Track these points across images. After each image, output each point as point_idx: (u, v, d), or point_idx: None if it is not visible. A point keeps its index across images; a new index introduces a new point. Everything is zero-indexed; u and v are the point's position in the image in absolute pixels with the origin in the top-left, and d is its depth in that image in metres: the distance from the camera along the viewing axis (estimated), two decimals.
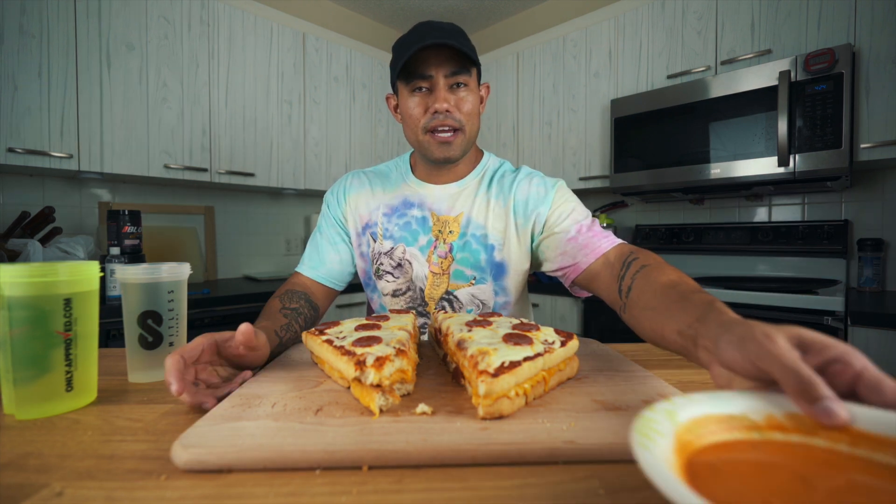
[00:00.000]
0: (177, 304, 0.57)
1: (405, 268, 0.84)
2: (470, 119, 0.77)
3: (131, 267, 0.55)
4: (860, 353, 0.30)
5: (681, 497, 0.18)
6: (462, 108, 0.76)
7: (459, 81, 0.75)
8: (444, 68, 0.74)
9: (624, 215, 2.31)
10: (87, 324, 0.49)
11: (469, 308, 0.84)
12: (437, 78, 0.74)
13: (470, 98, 0.77)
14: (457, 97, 0.76)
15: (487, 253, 0.82)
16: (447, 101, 0.74)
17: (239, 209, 2.27)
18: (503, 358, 0.41)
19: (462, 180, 0.85)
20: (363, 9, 2.67)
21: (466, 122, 0.77)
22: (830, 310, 1.28)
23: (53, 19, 1.47)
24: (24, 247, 1.42)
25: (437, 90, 0.74)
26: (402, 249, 0.84)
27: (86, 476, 0.33)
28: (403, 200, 0.86)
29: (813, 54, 1.43)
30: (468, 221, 0.82)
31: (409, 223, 0.84)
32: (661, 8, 1.87)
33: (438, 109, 0.74)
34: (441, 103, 0.74)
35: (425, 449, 0.34)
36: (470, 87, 0.77)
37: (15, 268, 0.45)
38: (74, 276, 0.47)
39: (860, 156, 1.44)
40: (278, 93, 2.07)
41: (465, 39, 0.76)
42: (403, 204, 0.86)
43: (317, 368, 0.54)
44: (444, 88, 0.75)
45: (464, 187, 0.84)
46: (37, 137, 1.45)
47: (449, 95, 0.75)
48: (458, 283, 0.83)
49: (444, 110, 0.74)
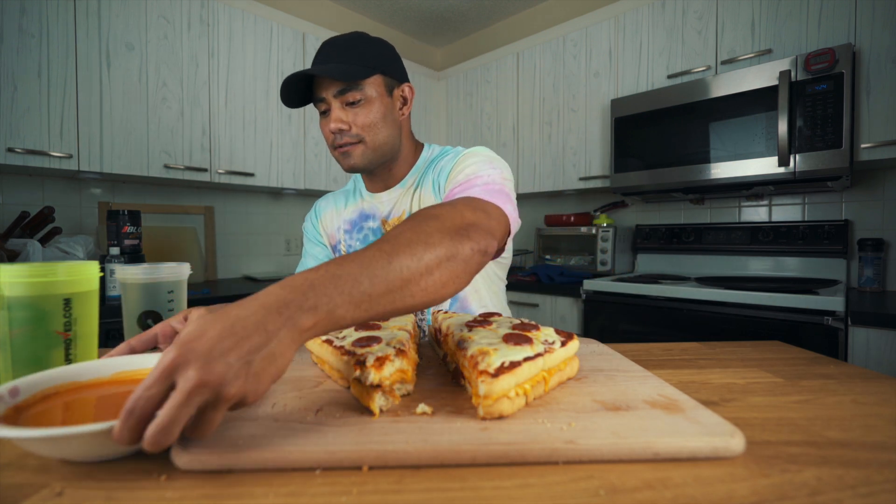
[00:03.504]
0: (177, 304, 0.57)
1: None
2: (371, 130, 0.78)
3: (131, 267, 0.55)
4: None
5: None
6: (357, 122, 0.77)
7: (350, 98, 0.76)
8: (330, 89, 0.76)
9: (624, 215, 2.31)
10: (87, 324, 0.49)
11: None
12: (328, 99, 0.77)
13: (364, 111, 0.77)
14: (352, 112, 0.77)
15: None
16: (339, 121, 0.76)
17: (239, 209, 2.27)
18: (503, 358, 0.41)
19: (403, 181, 0.87)
20: (363, 9, 2.67)
21: (366, 133, 0.78)
22: (831, 310, 1.28)
23: (53, 19, 1.47)
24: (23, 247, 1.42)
25: (332, 111, 0.77)
26: None
27: (86, 476, 0.33)
28: (360, 213, 0.90)
29: (813, 54, 1.43)
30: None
31: (367, 236, 0.88)
32: (662, 8, 1.87)
33: (333, 130, 0.77)
34: (334, 124, 0.77)
35: (425, 449, 0.33)
36: (367, 99, 0.77)
37: (15, 268, 0.45)
38: (74, 276, 0.47)
39: (861, 156, 1.44)
40: (278, 93, 2.07)
41: (358, 52, 0.77)
42: (360, 217, 0.90)
43: (317, 368, 0.54)
44: (338, 108, 0.77)
45: (405, 187, 0.87)
46: (36, 137, 1.45)
47: (343, 113, 0.77)
48: None
49: (336, 130, 0.77)
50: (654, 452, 0.34)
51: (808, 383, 0.53)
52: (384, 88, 0.80)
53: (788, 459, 0.34)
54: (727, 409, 0.45)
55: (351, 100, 0.76)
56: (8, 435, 0.29)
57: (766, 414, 0.44)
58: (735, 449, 0.34)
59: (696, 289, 1.54)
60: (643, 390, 0.45)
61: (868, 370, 0.58)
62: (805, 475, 0.32)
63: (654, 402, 0.42)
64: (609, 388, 0.46)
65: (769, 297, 1.39)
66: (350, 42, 0.77)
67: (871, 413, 0.44)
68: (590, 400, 0.43)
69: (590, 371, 0.52)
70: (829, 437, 0.38)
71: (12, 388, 0.37)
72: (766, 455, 0.35)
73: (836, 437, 0.38)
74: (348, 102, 0.77)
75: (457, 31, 2.95)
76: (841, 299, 1.28)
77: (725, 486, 0.31)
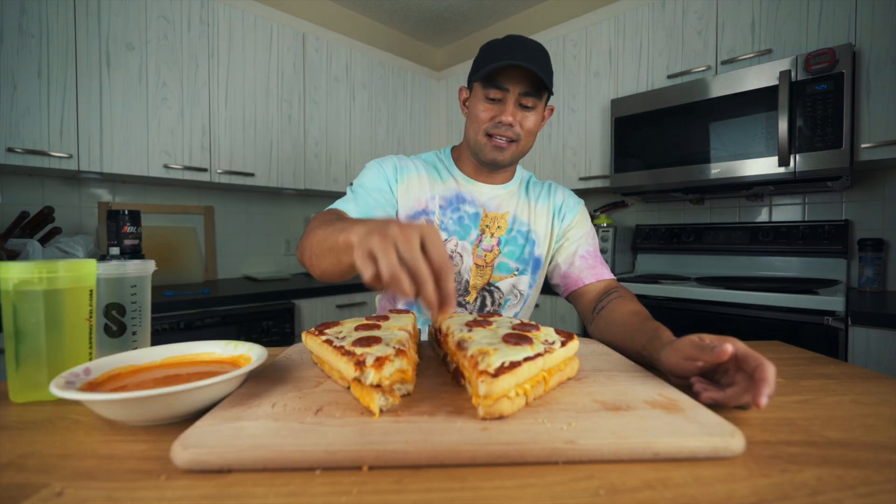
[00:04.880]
0: (140, 297, 0.61)
1: (455, 260, 0.89)
2: (528, 136, 0.84)
3: (101, 264, 0.58)
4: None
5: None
6: (523, 125, 0.82)
7: (529, 104, 0.81)
8: (519, 86, 0.79)
9: (624, 215, 2.31)
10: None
11: (507, 297, 0.91)
12: (512, 93, 0.80)
13: (533, 118, 0.83)
14: (522, 114, 0.82)
15: (531, 247, 0.92)
16: (513, 116, 0.81)
17: (239, 209, 2.27)
18: (503, 358, 0.41)
19: (507, 184, 0.93)
20: (363, 9, 2.67)
21: (524, 137, 0.84)
22: (831, 310, 1.28)
23: (53, 19, 1.47)
24: (23, 247, 1.42)
25: (507, 104, 0.80)
26: (455, 242, 0.89)
27: (86, 476, 0.33)
28: (456, 194, 0.91)
29: (813, 54, 1.43)
30: (514, 219, 0.92)
31: (462, 218, 0.90)
32: (662, 8, 1.87)
33: (503, 122, 0.81)
34: (507, 116, 0.80)
35: (425, 449, 0.34)
36: (537, 108, 0.83)
37: (18, 266, 0.48)
38: (72, 273, 0.50)
39: (861, 156, 1.44)
40: (278, 93, 2.07)
41: (547, 63, 0.81)
42: (456, 198, 0.91)
43: (317, 368, 0.54)
44: (514, 104, 0.80)
45: (509, 190, 0.93)
46: (36, 137, 1.45)
47: (516, 111, 0.81)
48: (500, 275, 0.90)
49: (507, 123, 0.81)
50: (654, 452, 0.34)
51: (808, 383, 0.53)
52: (544, 104, 0.85)
53: (788, 459, 0.34)
54: (727, 408, 0.45)
55: (527, 104, 0.81)
56: (88, 398, 0.38)
57: (766, 414, 0.44)
58: (735, 449, 0.34)
59: (696, 289, 1.54)
60: (643, 390, 0.45)
61: (868, 370, 0.58)
62: (805, 475, 0.32)
63: (654, 402, 0.42)
64: (609, 388, 0.46)
65: (769, 297, 1.39)
66: (541, 51, 0.80)
67: (871, 413, 0.44)
68: (590, 400, 0.43)
69: (590, 371, 0.52)
70: (829, 437, 0.38)
71: (85, 368, 0.46)
72: (766, 455, 0.35)
73: (836, 437, 0.38)
74: (524, 105, 0.81)
75: (457, 31, 2.94)
76: (841, 299, 1.28)
77: (725, 486, 0.31)
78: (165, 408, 0.40)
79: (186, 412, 0.42)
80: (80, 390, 0.42)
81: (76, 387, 0.42)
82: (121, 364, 0.50)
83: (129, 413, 0.40)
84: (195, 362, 0.53)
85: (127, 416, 0.41)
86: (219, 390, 0.43)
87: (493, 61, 0.77)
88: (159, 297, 1.55)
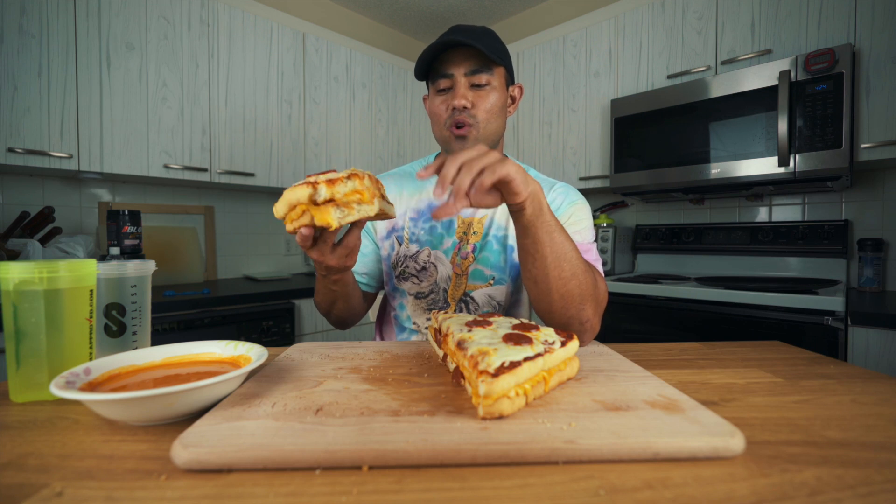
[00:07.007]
0: (140, 296, 0.61)
1: (430, 271, 0.85)
2: (488, 117, 0.78)
3: (102, 264, 0.58)
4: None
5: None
6: (480, 105, 0.77)
7: (480, 82, 0.77)
8: (463, 66, 0.76)
9: (624, 215, 2.31)
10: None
11: (484, 309, 0.84)
12: (458, 77, 0.77)
13: (490, 97, 0.78)
14: (475, 94, 0.77)
15: (507, 253, 0.84)
16: (465, 98, 0.76)
17: (239, 209, 2.27)
18: (503, 358, 0.41)
19: None
20: (363, 9, 2.67)
21: (482, 119, 0.78)
22: (830, 310, 1.28)
23: (53, 19, 1.47)
24: (23, 247, 1.42)
25: (457, 87, 0.77)
26: (428, 253, 0.85)
27: (86, 476, 0.33)
28: (429, 204, 0.87)
29: (813, 54, 1.43)
30: (491, 223, 0.85)
31: (435, 227, 0.86)
32: (661, 8, 1.87)
33: (456, 106, 0.76)
34: (458, 100, 0.76)
35: (425, 449, 0.34)
36: (493, 85, 0.78)
37: (18, 266, 0.48)
38: (73, 273, 0.50)
39: (860, 156, 1.44)
40: (278, 93, 2.07)
41: (492, 40, 0.77)
42: (429, 208, 0.86)
43: (317, 368, 0.54)
44: (464, 86, 0.77)
45: None
46: (37, 137, 1.45)
47: (468, 93, 0.77)
48: (475, 284, 0.84)
49: (460, 107, 0.76)
50: (654, 452, 0.34)
51: (807, 383, 0.53)
52: (504, 81, 0.81)
53: (788, 459, 0.34)
54: (727, 409, 0.45)
55: (478, 82, 0.77)
56: (88, 398, 0.38)
57: (765, 414, 0.44)
58: (735, 449, 0.34)
59: (697, 289, 1.55)
60: (643, 390, 0.45)
61: (868, 370, 0.58)
62: (805, 475, 0.32)
63: (654, 402, 0.42)
64: (609, 388, 0.46)
65: (769, 297, 1.39)
66: (483, 30, 0.78)
67: (870, 413, 0.44)
68: (590, 400, 0.43)
69: (590, 371, 0.52)
70: (828, 437, 0.38)
71: (85, 368, 0.46)
72: (766, 455, 0.35)
73: (836, 437, 0.38)
74: (475, 84, 0.77)
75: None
76: (841, 299, 1.28)
77: (725, 486, 0.31)
78: (165, 408, 0.40)
79: (186, 412, 0.42)
80: (80, 390, 0.42)
81: (76, 387, 0.42)
82: (121, 364, 0.50)
83: (129, 413, 0.41)
84: (195, 362, 0.53)
85: (127, 416, 0.41)
86: (219, 390, 0.43)
87: (427, 54, 0.76)
88: (159, 297, 1.55)
